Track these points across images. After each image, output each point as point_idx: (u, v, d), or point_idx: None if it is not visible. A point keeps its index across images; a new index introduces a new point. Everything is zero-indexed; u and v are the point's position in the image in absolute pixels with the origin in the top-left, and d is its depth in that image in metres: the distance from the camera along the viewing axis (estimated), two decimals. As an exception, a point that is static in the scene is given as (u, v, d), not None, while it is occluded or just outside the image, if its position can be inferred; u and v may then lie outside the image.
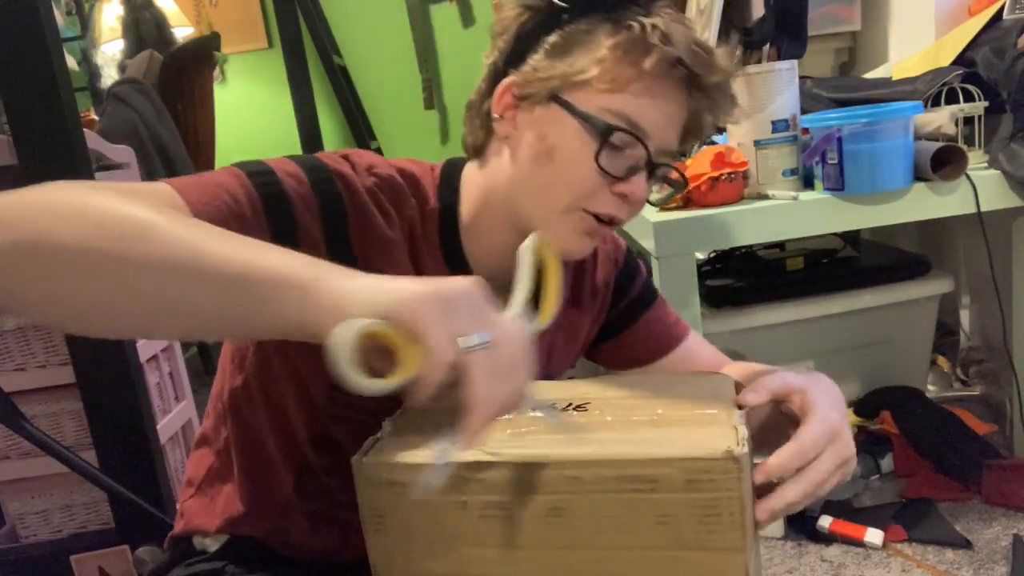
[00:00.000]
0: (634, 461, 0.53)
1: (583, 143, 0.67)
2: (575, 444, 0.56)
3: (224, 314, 0.49)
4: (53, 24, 1.26)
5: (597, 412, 0.62)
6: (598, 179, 0.68)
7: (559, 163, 0.68)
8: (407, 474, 0.57)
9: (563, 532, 0.55)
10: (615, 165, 0.68)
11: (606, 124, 0.67)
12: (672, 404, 0.61)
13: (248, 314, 0.48)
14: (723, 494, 0.51)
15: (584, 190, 0.69)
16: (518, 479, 0.55)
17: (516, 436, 0.59)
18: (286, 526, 0.78)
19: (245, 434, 0.77)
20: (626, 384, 0.68)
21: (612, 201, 0.69)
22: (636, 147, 0.68)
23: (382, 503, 0.59)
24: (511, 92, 0.71)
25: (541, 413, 0.62)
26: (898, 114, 1.23)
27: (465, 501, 0.56)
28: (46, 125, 1.25)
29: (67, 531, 1.56)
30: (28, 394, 1.46)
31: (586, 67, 0.67)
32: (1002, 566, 1.17)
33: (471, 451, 0.57)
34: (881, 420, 1.52)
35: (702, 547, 0.53)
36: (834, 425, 0.58)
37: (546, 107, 0.69)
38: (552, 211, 0.70)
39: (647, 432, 0.57)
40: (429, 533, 0.58)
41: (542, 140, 0.69)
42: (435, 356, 0.46)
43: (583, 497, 0.54)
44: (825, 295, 1.51)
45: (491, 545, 0.57)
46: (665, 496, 0.52)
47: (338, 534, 0.78)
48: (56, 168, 1.26)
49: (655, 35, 0.66)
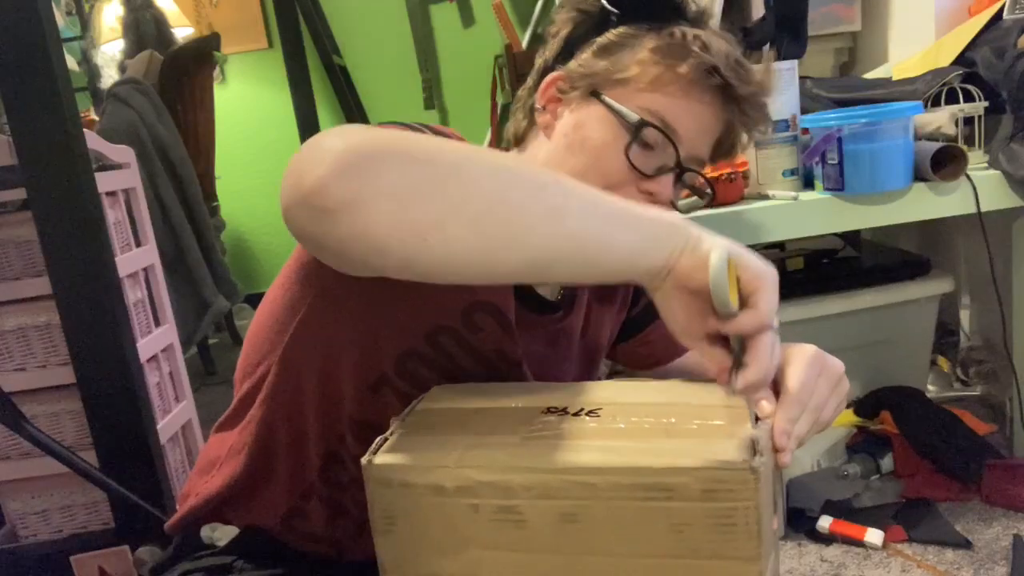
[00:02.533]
0: (650, 469, 0.53)
1: (615, 136, 0.70)
2: (590, 451, 0.56)
3: (623, 250, 0.54)
4: (53, 24, 1.26)
5: (610, 419, 0.61)
6: (626, 173, 0.71)
7: (590, 152, 0.71)
8: (418, 476, 0.57)
9: (576, 538, 0.55)
10: (644, 162, 0.71)
11: (639, 119, 0.70)
12: (685, 412, 0.61)
13: (637, 246, 0.55)
14: (740, 504, 0.51)
15: (611, 181, 0.70)
16: (531, 484, 0.55)
17: (530, 440, 0.58)
18: (304, 508, 0.77)
19: (282, 406, 0.74)
20: (639, 390, 0.68)
21: (638, 197, 0.71)
22: (666, 147, 0.71)
23: (392, 504, 0.58)
24: (555, 86, 0.75)
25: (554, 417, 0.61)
26: (898, 114, 1.23)
27: (477, 504, 0.56)
28: (46, 125, 1.25)
29: (67, 531, 1.56)
30: (28, 394, 1.46)
31: (627, 66, 0.71)
32: (1002, 566, 1.17)
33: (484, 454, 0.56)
34: (881, 420, 1.52)
35: (716, 556, 0.52)
36: (812, 355, 0.61)
37: (585, 101, 0.72)
38: None
39: (662, 441, 0.56)
40: (439, 535, 0.58)
41: (577, 130, 0.72)
42: (759, 316, 0.55)
43: (597, 504, 0.54)
44: (825, 295, 1.51)
45: (502, 549, 0.57)
46: (680, 505, 0.52)
47: (353, 528, 0.77)
48: (56, 168, 1.26)
49: (695, 43, 0.71)
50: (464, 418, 0.64)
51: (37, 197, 1.26)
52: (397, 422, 0.64)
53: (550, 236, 0.52)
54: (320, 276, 0.67)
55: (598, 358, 0.89)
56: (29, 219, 1.34)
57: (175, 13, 3.25)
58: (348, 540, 0.78)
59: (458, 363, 0.73)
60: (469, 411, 0.65)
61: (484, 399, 0.68)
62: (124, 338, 1.35)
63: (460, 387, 0.72)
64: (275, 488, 0.77)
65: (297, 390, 0.74)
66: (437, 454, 0.57)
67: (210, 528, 0.79)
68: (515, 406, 0.65)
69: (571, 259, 0.53)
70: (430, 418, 0.65)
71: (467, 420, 0.63)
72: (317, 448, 0.75)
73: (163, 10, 3.09)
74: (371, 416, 0.72)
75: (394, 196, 0.48)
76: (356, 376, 0.71)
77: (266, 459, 0.77)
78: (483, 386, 0.72)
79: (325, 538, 0.78)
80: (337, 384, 0.72)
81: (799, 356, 0.60)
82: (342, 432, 0.74)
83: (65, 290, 1.32)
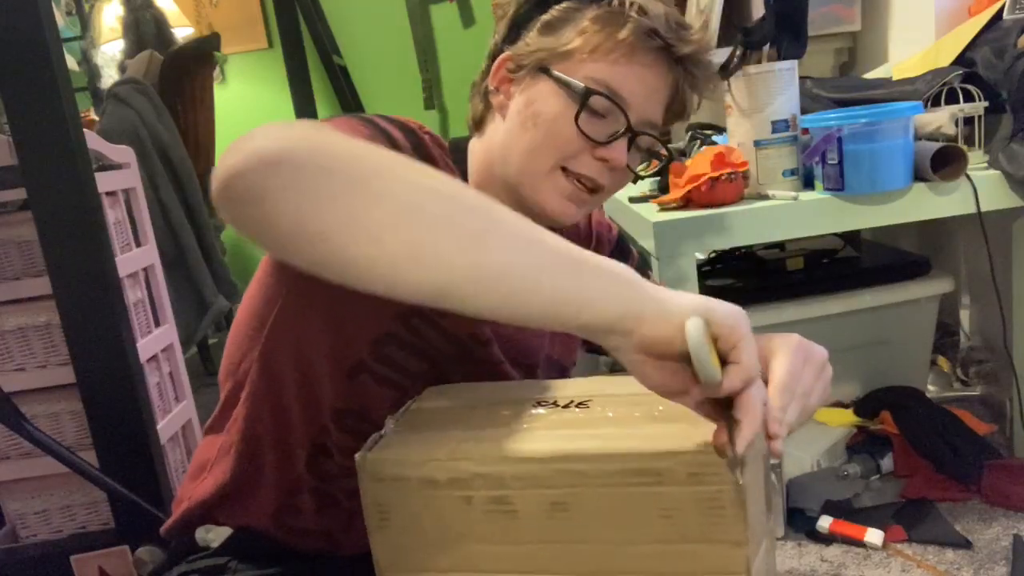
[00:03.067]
0: (637, 455, 0.53)
1: (565, 107, 0.72)
2: (578, 439, 0.56)
3: (555, 294, 0.50)
4: (53, 24, 1.26)
5: (599, 409, 0.62)
6: (579, 142, 0.73)
7: (542, 126, 0.73)
8: (411, 470, 0.57)
9: (567, 526, 0.55)
10: (596, 130, 0.73)
11: (585, 88, 0.71)
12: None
13: (573, 296, 0.50)
14: (726, 487, 0.52)
15: (566, 151, 0.73)
16: (522, 474, 0.55)
17: (519, 432, 0.59)
18: (294, 503, 0.78)
19: (265, 401, 0.76)
20: (628, 382, 0.69)
21: (594, 165, 0.74)
22: (616, 114, 0.73)
23: (386, 499, 0.59)
24: (505, 66, 0.77)
25: (543, 410, 0.62)
26: (898, 114, 1.23)
27: (469, 496, 0.57)
28: (46, 125, 1.25)
29: (67, 531, 1.56)
30: (28, 394, 1.46)
31: (570, 39, 0.73)
32: (1002, 566, 1.17)
33: (475, 447, 0.57)
34: (881, 420, 1.51)
35: (705, 540, 0.53)
36: (797, 343, 0.60)
37: (535, 78, 0.74)
38: (536, 173, 0.74)
39: (649, 427, 0.57)
40: (433, 529, 0.58)
41: (529, 106, 0.74)
42: (744, 371, 0.50)
43: (587, 491, 0.54)
44: (825, 295, 1.51)
45: (495, 540, 0.57)
46: (668, 490, 0.53)
47: (343, 518, 0.78)
48: (56, 168, 1.26)
49: (632, 8, 0.72)
50: (456, 415, 0.65)
51: (37, 197, 1.27)
52: (391, 421, 0.65)
53: (465, 262, 0.48)
54: (288, 267, 0.66)
55: (576, 348, 0.90)
56: (29, 219, 1.34)
57: (175, 13, 3.25)
58: (340, 532, 0.79)
59: (432, 344, 0.74)
60: (461, 408, 0.66)
61: (476, 398, 0.69)
62: (124, 338, 1.35)
63: (452, 387, 0.73)
64: (264, 484, 0.78)
65: (278, 384, 0.75)
66: (429, 448, 0.58)
67: (204, 530, 0.80)
68: (505, 401, 0.66)
69: (489, 292, 0.49)
70: (423, 416, 0.66)
71: (459, 417, 0.64)
72: (301, 440, 0.76)
73: (163, 10, 3.09)
74: (352, 403, 0.74)
75: (298, 196, 0.47)
76: (333, 364, 0.73)
77: (253, 456, 0.78)
78: (475, 386, 0.73)
79: (317, 531, 0.79)
80: (315, 374, 0.73)
81: (784, 346, 0.60)
82: (324, 422, 0.75)
83: (65, 290, 1.32)
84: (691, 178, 1.31)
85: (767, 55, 1.33)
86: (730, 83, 1.33)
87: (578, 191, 0.75)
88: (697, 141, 1.58)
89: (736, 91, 1.33)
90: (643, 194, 1.53)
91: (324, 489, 0.78)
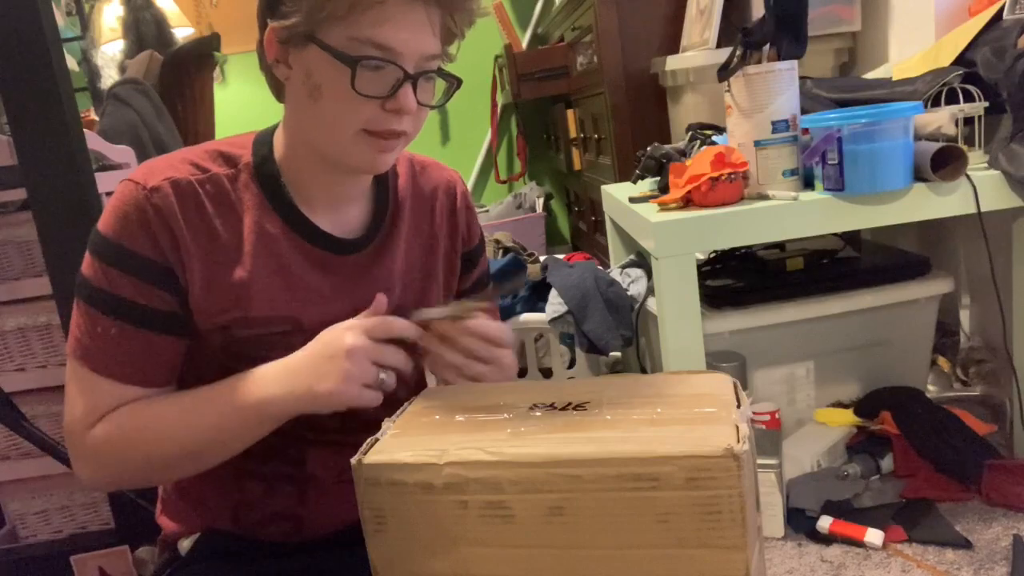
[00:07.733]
0: (635, 459, 0.53)
1: (341, 74, 0.71)
2: (575, 443, 0.56)
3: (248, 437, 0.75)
4: (53, 24, 1.26)
5: (596, 411, 0.62)
6: (368, 105, 0.72)
7: (328, 97, 0.73)
8: (408, 475, 0.57)
9: (564, 531, 0.55)
10: (376, 87, 0.72)
11: (350, 56, 0.71)
12: (671, 403, 0.61)
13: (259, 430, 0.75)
14: (724, 491, 0.51)
15: (358, 118, 0.73)
16: (518, 478, 0.55)
17: (516, 435, 0.59)
18: (243, 497, 0.81)
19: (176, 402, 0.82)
20: (625, 384, 0.69)
21: (390, 118, 0.74)
22: (390, 65, 0.72)
23: (382, 503, 0.59)
24: (276, 38, 0.75)
25: (540, 412, 0.62)
26: (898, 114, 1.23)
27: (466, 500, 0.56)
28: (46, 125, 1.25)
29: (67, 531, 1.56)
30: (28, 394, 1.46)
31: (322, 3, 0.71)
32: (1002, 566, 1.17)
33: (472, 451, 0.57)
34: (881, 420, 1.51)
35: (703, 545, 0.53)
36: None
37: (305, 46, 0.73)
38: (339, 142, 0.75)
39: (647, 430, 0.57)
40: (429, 533, 0.58)
41: (309, 77, 0.74)
42: None
43: (584, 496, 0.54)
44: (825, 295, 1.51)
45: (492, 544, 0.57)
46: (666, 494, 0.52)
47: (295, 494, 0.81)
48: (56, 168, 1.26)
49: None
50: (452, 418, 0.65)
51: (37, 197, 1.27)
52: (388, 423, 0.65)
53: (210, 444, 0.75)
54: None
55: (439, 294, 0.91)
56: (29, 219, 1.34)
57: (175, 13, 3.24)
58: (295, 504, 0.81)
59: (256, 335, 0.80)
60: (457, 410, 0.66)
61: (472, 399, 0.69)
62: (124, 338, 1.35)
63: (449, 389, 0.73)
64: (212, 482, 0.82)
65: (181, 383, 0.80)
66: (425, 452, 0.58)
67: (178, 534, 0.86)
68: (503, 404, 0.66)
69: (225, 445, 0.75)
70: (419, 419, 0.65)
71: (455, 420, 0.64)
72: None
73: (163, 10, 3.08)
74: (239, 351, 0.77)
75: (132, 479, 0.82)
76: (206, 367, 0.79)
77: None
78: (472, 386, 0.73)
79: (274, 512, 0.82)
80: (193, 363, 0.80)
81: None
82: None
83: (65, 290, 1.32)
84: (691, 178, 1.31)
85: (767, 55, 1.33)
86: (730, 83, 1.33)
87: (384, 142, 0.75)
88: (697, 141, 1.58)
89: (736, 91, 1.33)
90: (643, 194, 1.53)
91: (266, 472, 0.81)
